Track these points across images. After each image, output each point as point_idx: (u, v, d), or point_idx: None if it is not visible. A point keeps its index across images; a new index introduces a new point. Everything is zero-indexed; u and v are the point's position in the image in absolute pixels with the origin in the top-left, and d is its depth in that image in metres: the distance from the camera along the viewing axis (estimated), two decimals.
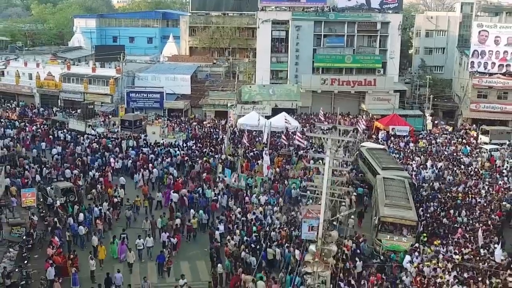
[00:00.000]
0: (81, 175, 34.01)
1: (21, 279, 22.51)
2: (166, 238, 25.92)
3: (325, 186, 17.09)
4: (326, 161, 16.70)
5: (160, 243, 25.89)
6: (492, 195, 33.39)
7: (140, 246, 25.35)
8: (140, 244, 25.34)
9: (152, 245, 25.71)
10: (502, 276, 23.18)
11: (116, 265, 24.19)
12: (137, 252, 25.12)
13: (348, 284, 21.56)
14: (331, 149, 16.50)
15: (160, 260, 24.09)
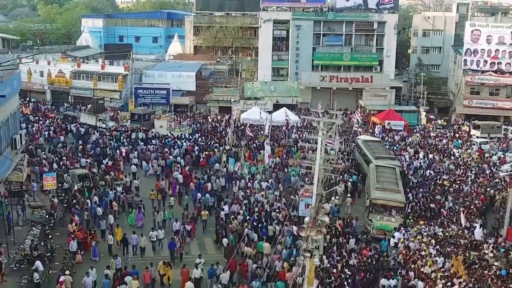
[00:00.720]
0: (95, 163, 36.56)
1: (46, 252, 25.04)
2: (179, 226, 27.26)
3: (317, 163, 19.57)
4: (319, 140, 19.20)
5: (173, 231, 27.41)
6: (478, 183, 35.90)
7: (154, 238, 26.34)
8: (153, 236, 26.35)
9: (163, 237, 26.67)
10: (481, 251, 25.75)
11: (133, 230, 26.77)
12: (150, 244, 26.25)
13: (340, 255, 24.12)
14: (322, 130, 18.99)
15: (171, 247, 25.33)
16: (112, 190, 31.82)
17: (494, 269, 23.60)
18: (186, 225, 27.60)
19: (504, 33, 57.65)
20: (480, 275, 23.03)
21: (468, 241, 26.64)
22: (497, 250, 25.58)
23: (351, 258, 24.27)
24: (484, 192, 33.76)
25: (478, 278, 22.72)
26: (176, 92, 58.07)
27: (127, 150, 39.28)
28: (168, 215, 28.84)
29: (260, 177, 34.67)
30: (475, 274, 23.12)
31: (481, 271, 23.42)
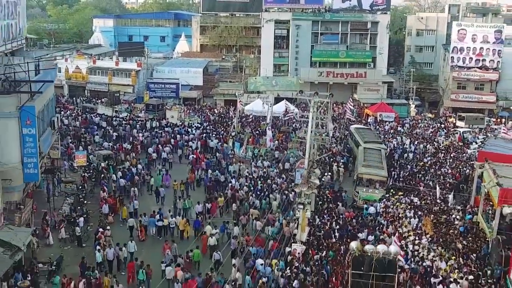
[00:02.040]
0: (116, 146, 41.34)
1: (82, 214, 29.79)
2: (201, 208, 29.88)
3: (309, 134, 24.36)
4: (310, 115, 23.98)
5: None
6: (455, 164, 40.56)
7: (173, 224, 28.34)
8: (172, 223, 28.37)
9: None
10: (450, 215, 30.45)
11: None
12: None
13: (330, 216, 28.86)
14: (313, 107, 23.74)
15: (196, 225, 27.86)
16: (133, 167, 36.58)
17: (457, 228, 28.37)
18: (207, 203, 30.68)
19: (488, 33, 62.26)
20: (444, 233, 27.76)
21: (440, 208, 31.40)
22: (464, 215, 30.36)
23: (339, 218, 29.02)
24: (459, 171, 38.46)
25: (442, 235, 27.45)
26: (185, 86, 62.76)
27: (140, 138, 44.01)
28: (189, 205, 30.77)
29: (263, 158, 39.41)
30: (441, 231, 27.87)
31: (446, 230, 28.16)
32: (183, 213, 30.37)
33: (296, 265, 22.75)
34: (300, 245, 23.55)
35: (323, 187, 33.39)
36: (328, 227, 27.39)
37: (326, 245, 25.22)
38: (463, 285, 22.10)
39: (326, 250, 24.64)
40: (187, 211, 30.53)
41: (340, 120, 53.81)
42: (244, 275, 22.55)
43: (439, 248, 25.72)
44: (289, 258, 23.45)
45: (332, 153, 41.41)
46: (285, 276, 22.00)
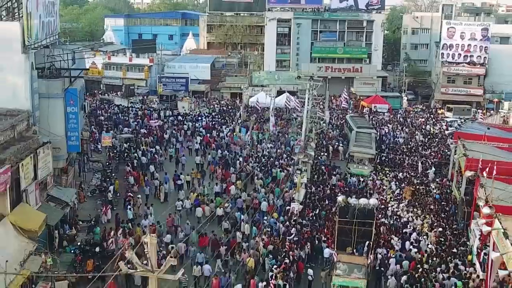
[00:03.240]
0: (135, 131, 46.27)
1: (111, 184, 34.62)
2: (219, 188, 32.94)
3: (305, 113, 29.13)
4: (306, 96, 28.77)
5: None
6: (439, 147, 45.31)
7: (179, 207, 29.71)
8: (178, 206, 29.73)
9: (190, 206, 30.55)
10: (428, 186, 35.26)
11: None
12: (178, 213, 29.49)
13: (323, 185, 33.68)
14: (309, 90, 28.53)
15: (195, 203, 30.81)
16: (152, 148, 41.50)
17: (433, 195, 33.18)
18: (223, 184, 34.54)
19: (475, 30, 66.89)
20: (421, 199, 32.55)
21: (420, 181, 36.22)
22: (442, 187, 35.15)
23: (333, 188, 33.80)
24: (441, 152, 43.24)
25: (420, 200, 32.25)
26: (194, 80, 67.58)
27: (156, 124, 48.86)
28: (208, 191, 33.01)
29: (266, 141, 44.24)
30: (418, 198, 32.66)
31: (423, 197, 32.96)
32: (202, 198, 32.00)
33: (294, 218, 27.58)
34: (298, 204, 28.35)
35: (320, 164, 38.22)
36: (322, 193, 32.25)
37: (319, 206, 30.05)
38: (430, 235, 26.88)
39: (319, 210, 29.48)
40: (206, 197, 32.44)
41: (337, 111, 58.59)
42: (251, 227, 27.37)
43: (416, 209, 30.55)
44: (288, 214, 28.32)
45: (328, 137, 46.29)
46: (285, 226, 26.83)
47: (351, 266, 22.15)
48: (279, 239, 25.50)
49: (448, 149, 44.39)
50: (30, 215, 23.37)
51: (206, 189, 33.43)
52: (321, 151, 41.91)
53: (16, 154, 22.93)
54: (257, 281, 21.71)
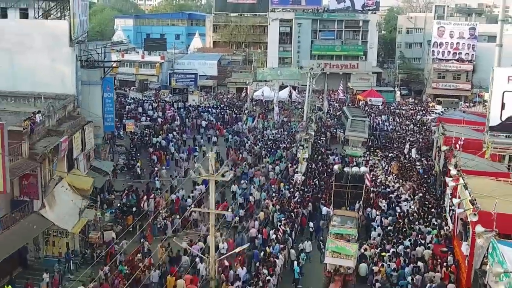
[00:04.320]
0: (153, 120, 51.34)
1: (137, 162, 39.65)
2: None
3: (307, 100, 34.15)
4: (308, 83, 33.80)
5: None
6: (427, 134, 50.39)
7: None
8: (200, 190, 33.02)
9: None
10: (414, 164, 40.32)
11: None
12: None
13: (322, 162, 38.77)
14: (309, 79, 33.57)
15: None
16: (170, 134, 46.60)
17: (417, 170, 38.29)
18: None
19: (464, 30, 72.12)
20: (407, 173, 37.64)
21: (407, 160, 41.31)
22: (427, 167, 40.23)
23: (330, 165, 38.85)
24: (427, 138, 48.34)
25: (405, 174, 37.34)
26: (202, 76, 72.66)
27: (173, 115, 53.92)
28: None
29: (271, 128, 49.32)
30: (404, 173, 37.74)
31: (408, 171, 38.05)
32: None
33: (298, 186, 32.67)
34: (300, 175, 33.42)
35: (319, 146, 43.32)
36: (321, 168, 37.37)
37: (318, 177, 35.16)
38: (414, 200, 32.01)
39: (318, 180, 34.57)
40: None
41: (334, 103, 63.75)
42: (260, 193, 32.40)
43: (401, 180, 35.66)
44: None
45: (326, 125, 51.42)
46: (290, 192, 31.90)
47: (344, 218, 27.11)
48: (285, 201, 30.55)
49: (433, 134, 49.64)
50: (81, 178, 28.49)
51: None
52: (320, 136, 47.01)
53: (70, 128, 28.04)
54: (268, 230, 26.77)
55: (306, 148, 34.21)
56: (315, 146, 42.33)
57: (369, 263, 23.76)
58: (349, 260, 22.85)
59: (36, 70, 31.44)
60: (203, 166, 19.46)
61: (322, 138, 46.41)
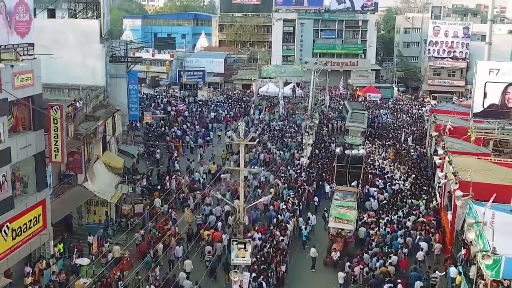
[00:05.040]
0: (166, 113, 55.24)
1: (156, 148, 43.47)
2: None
3: (311, 91, 37.97)
4: (312, 76, 37.61)
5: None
6: (422, 125, 54.22)
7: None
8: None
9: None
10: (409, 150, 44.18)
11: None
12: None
13: (325, 149, 42.61)
14: (314, 72, 37.39)
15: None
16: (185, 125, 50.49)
17: (412, 155, 42.16)
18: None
19: (458, 29, 75.95)
20: (402, 158, 41.49)
21: (402, 147, 45.16)
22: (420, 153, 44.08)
23: (332, 151, 42.71)
24: (421, 129, 52.19)
25: (400, 159, 41.19)
26: (209, 73, 76.55)
27: (184, 107, 57.81)
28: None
29: (277, 120, 53.17)
30: (399, 158, 41.59)
31: (403, 157, 41.90)
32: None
33: (303, 168, 36.52)
34: (305, 158, 37.26)
35: (322, 136, 47.17)
36: (324, 153, 41.24)
37: (322, 161, 39.02)
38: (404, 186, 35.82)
39: (321, 163, 38.42)
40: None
41: (335, 99, 67.68)
42: (269, 175, 36.19)
43: (396, 164, 39.52)
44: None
45: (328, 118, 55.28)
46: (297, 173, 35.74)
47: (345, 193, 30.84)
48: (293, 180, 34.39)
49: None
50: (114, 158, 32.36)
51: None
52: (323, 127, 50.87)
53: (104, 115, 31.89)
54: (279, 203, 30.58)
55: (310, 134, 38.04)
56: (318, 135, 46.21)
57: (367, 228, 27.53)
58: (350, 224, 26.66)
59: (69, 64, 35.20)
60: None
61: (325, 128, 50.22)
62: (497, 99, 33.07)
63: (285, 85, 69.51)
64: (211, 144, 43.28)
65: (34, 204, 22.53)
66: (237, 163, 30.40)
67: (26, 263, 22.43)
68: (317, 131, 47.15)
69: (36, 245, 22.98)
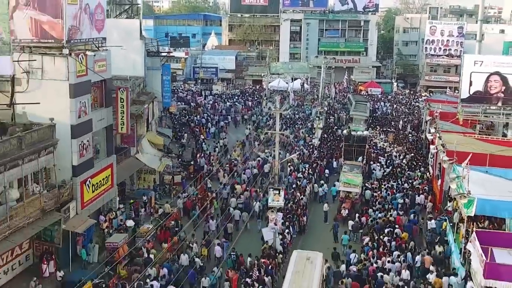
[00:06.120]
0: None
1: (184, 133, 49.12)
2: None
3: (322, 82, 43.57)
4: (322, 69, 43.19)
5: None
6: (419, 114, 59.91)
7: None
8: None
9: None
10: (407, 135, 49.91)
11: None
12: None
13: (333, 134, 48.33)
14: (323, 66, 42.99)
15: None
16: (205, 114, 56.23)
17: (409, 139, 47.88)
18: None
19: (453, 29, 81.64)
20: (400, 141, 47.20)
21: (402, 132, 50.90)
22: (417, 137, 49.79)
23: (338, 136, 48.41)
24: (419, 117, 57.90)
25: (398, 142, 46.92)
26: (222, 70, 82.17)
27: (201, 101, 63.52)
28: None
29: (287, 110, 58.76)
30: (398, 140, 47.31)
31: (401, 140, 47.62)
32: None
33: (315, 147, 42.22)
34: (317, 140, 42.96)
35: (329, 124, 52.92)
36: (332, 137, 46.99)
37: (331, 142, 44.74)
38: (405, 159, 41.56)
39: (330, 144, 44.13)
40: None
41: (339, 93, 73.49)
42: (285, 153, 41.88)
43: (395, 145, 45.25)
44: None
45: (334, 109, 61.01)
46: (309, 151, 41.43)
47: (352, 166, 36.48)
48: (306, 157, 40.11)
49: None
50: (155, 137, 38.09)
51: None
52: (329, 117, 56.60)
53: (147, 100, 37.58)
54: (296, 174, 36.27)
55: (320, 120, 43.74)
56: (326, 122, 51.94)
57: (372, 191, 33.24)
58: (356, 188, 32.35)
59: (113, 58, 40.84)
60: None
61: (331, 117, 55.96)
62: (481, 87, 38.68)
63: (293, 81, 75.38)
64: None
65: (105, 166, 28.22)
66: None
67: (101, 213, 28.11)
68: (325, 118, 52.81)
69: (107, 199, 28.68)
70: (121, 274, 23.25)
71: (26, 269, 23.91)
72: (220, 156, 40.53)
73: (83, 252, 24.84)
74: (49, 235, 23.86)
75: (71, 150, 24.83)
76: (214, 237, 27.34)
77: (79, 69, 24.85)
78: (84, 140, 25.50)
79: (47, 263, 23.32)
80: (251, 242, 27.30)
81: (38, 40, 24.62)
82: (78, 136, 25.04)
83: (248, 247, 26.06)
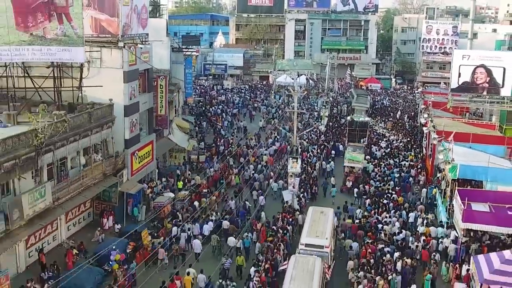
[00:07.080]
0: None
1: (202, 122, 54.27)
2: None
3: (327, 75, 48.64)
4: (328, 62, 48.25)
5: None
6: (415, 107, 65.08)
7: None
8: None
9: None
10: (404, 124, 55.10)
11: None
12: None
13: (338, 122, 53.52)
14: (329, 61, 48.06)
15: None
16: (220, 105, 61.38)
17: (406, 127, 53.10)
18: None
19: (448, 28, 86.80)
20: (398, 128, 52.40)
21: (398, 121, 56.08)
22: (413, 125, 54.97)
23: (342, 124, 53.56)
24: (415, 108, 63.07)
25: (396, 129, 52.12)
26: (230, 67, 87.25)
27: (215, 95, 68.66)
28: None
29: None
30: (396, 128, 52.51)
31: (399, 128, 52.82)
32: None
33: (322, 132, 47.38)
34: (323, 126, 48.14)
35: (333, 114, 58.10)
36: (337, 126, 52.21)
37: (335, 128, 49.96)
38: (399, 144, 46.71)
39: (335, 130, 49.32)
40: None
41: (342, 88, 78.75)
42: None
43: (394, 132, 50.47)
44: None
45: (337, 101, 66.23)
46: (317, 135, 46.58)
47: (355, 147, 41.54)
48: (314, 141, 45.27)
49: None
50: (182, 122, 43.22)
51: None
52: (333, 109, 61.81)
53: (175, 89, 42.72)
54: (306, 154, 41.40)
55: (326, 108, 48.92)
56: (331, 113, 57.14)
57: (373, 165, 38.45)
58: (359, 164, 37.52)
59: None
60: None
61: (335, 109, 61.18)
62: (468, 78, 43.75)
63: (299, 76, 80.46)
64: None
65: (147, 143, 33.38)
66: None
67: (144, 182, 33.24)
68: (330, 109, 58.01)
69: (148, 170, 33.83)
70: (167, 227, 28.39)
71: (88, 224, 29.08)
72: (240, 138, 45.60)
73: (135, 210, 29.98)
74: (107, 195, 29.02)
75: (123, 126, 29.99)
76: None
77: (130, 59, 30.01)
78: (133, 119, 30.68)
79: (106, 218, 28.47)
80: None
81: (97, 35, 29.78)
82: (129, 114, 30.21)
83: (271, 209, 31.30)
